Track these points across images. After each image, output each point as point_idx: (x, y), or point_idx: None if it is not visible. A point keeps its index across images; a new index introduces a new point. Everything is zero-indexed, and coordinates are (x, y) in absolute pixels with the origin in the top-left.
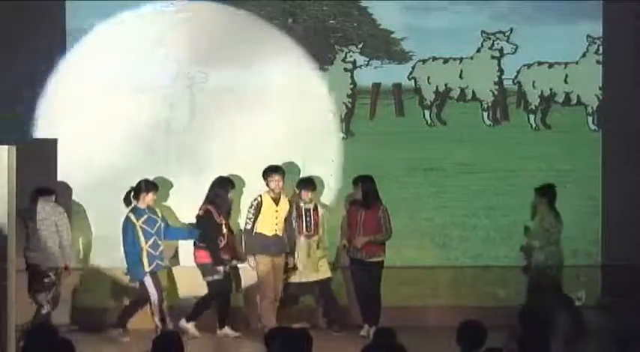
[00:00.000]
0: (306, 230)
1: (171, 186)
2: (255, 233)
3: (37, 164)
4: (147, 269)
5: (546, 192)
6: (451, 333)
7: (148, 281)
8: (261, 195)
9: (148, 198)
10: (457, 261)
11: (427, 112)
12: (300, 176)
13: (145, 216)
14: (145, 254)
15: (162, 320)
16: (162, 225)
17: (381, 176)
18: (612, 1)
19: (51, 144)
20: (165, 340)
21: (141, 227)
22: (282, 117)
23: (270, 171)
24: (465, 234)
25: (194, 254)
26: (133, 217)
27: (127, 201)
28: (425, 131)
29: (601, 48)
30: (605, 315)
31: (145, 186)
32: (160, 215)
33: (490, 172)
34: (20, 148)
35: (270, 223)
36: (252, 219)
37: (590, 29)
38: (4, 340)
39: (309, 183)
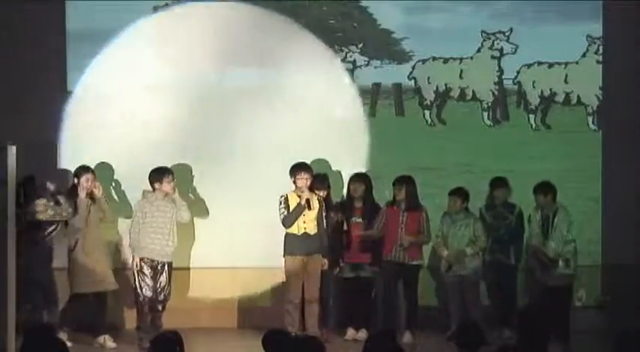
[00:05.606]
0: None
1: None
2: (285, 233)
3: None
4: None
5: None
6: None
7: None
8: (287, 194)
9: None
10: None
11: (427, 112)
12: None
13: None
14: None
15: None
16: None
17: (381, 176)
18: (612, 1)
19: (51, 145)
20: (165, 340)
21: None
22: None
23: (297, 169)
24: None
25: None
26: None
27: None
28: (425, 131)
29: (601, 48)
30: (605, 315)
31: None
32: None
33: (490, 172)
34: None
35: (299, 222)
36: (284, 213)
37: (590, 29)
38: (4, 340)
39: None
